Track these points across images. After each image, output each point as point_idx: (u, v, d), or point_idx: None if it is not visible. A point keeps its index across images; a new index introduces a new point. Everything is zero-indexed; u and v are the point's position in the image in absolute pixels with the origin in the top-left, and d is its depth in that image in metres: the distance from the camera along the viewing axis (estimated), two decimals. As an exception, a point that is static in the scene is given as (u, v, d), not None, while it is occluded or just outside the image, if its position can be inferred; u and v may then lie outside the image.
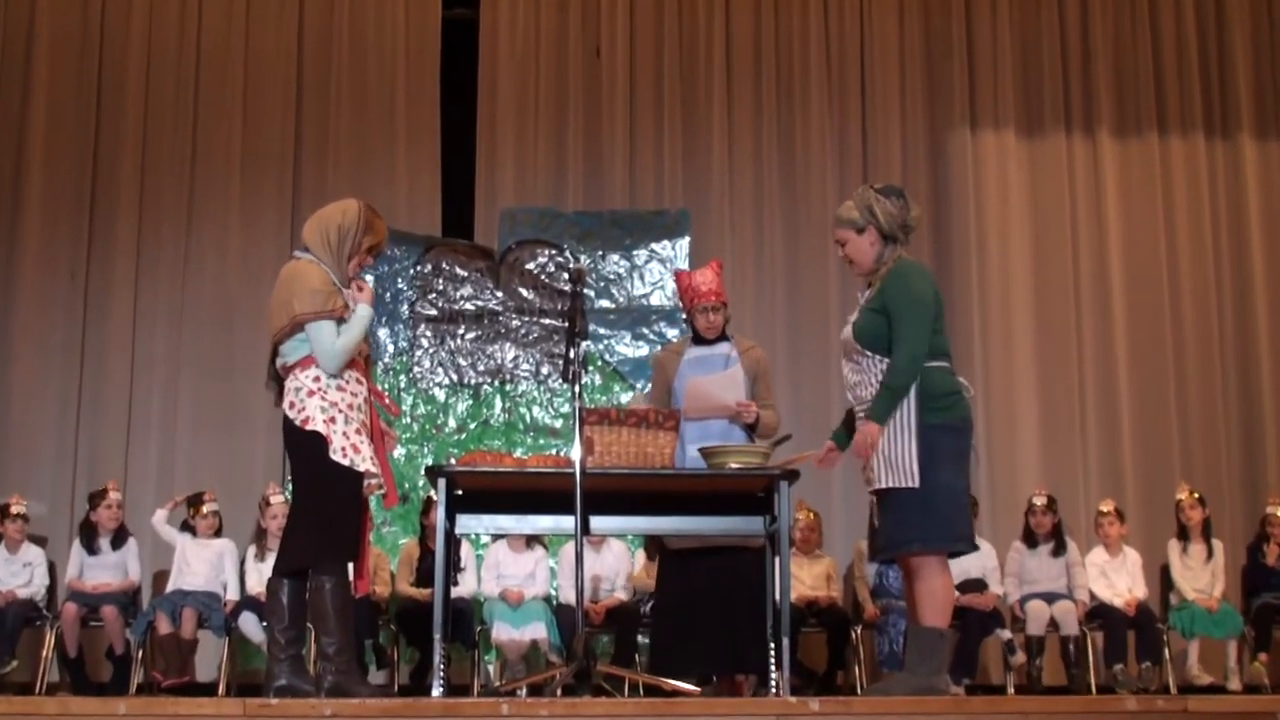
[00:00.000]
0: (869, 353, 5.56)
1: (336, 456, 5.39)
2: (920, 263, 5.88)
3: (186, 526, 9.37)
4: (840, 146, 11.71)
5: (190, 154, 11.39)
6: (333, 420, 5.42)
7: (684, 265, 10.78)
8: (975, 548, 5.73)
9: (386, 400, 6.03)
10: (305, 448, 5.44)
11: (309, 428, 5.41)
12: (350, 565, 5.54)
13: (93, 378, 11.02)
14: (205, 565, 9.20)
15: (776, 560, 6.04)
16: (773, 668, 6.04)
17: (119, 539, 9.37)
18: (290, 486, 5.84)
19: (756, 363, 6.88)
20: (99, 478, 10.17)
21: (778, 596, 6.05)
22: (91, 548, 9.32)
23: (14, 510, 9.39)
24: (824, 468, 6.05)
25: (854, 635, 9.27)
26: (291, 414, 5.46)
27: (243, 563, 9.30)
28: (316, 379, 5.49)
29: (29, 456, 10.82)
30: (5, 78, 11.38)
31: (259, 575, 8.88)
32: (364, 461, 5.45)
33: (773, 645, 6.03)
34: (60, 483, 10.77)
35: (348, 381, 5.55)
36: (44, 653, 9.13)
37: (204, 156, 11.39)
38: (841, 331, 5.84)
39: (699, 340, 7.02)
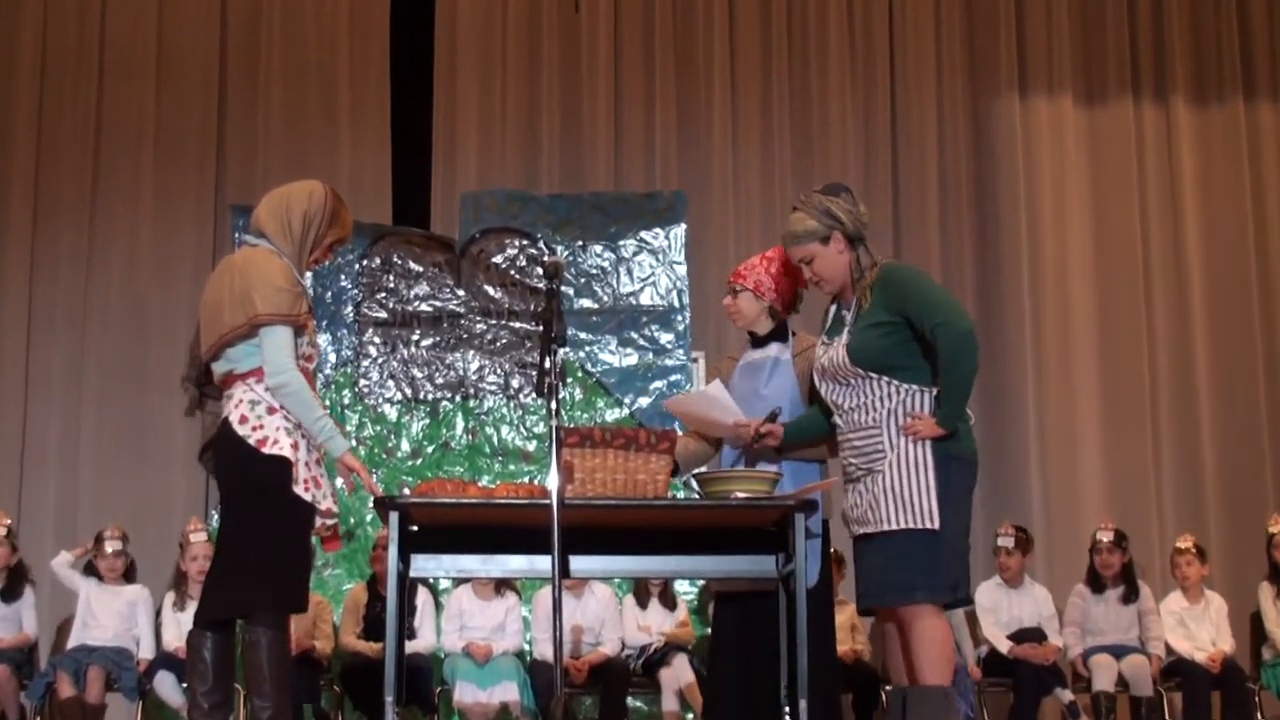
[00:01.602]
0: (872, 374, 5.62)
1: (299, 489, 5.39)
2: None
3: (90, 570, 9.34)
4: (864, 117, 11.72)
5: (94, 130, 11.38)
6: (296, 446, 5.41)
7: (679, 256, 10.78)
8: (972, 601, 5.81)
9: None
10: (261, 473, 5.40)
11: (269, 450, 5.38)
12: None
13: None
14: (114, 616, 9.17)
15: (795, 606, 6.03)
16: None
17: (12, 586, 9.34)
18: (217, 518, 5.80)
19: (809, 364, 6.71)
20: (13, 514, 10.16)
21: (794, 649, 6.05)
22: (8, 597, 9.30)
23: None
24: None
25: (884, 697, 9.28)
26: (243, 430, 5.41)
27: (158, 613, 9.29)
28: None
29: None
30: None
31: (178, 628, 8.86)
32: (325, 498, 5.45)
33: (787, 709, 6.03)
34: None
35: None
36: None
37: (110, 135, 11.37)
38: (820, 356, 5.87)
39: (757, 342, 6.85)
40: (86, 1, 11.44)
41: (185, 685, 7.85)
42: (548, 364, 5.65)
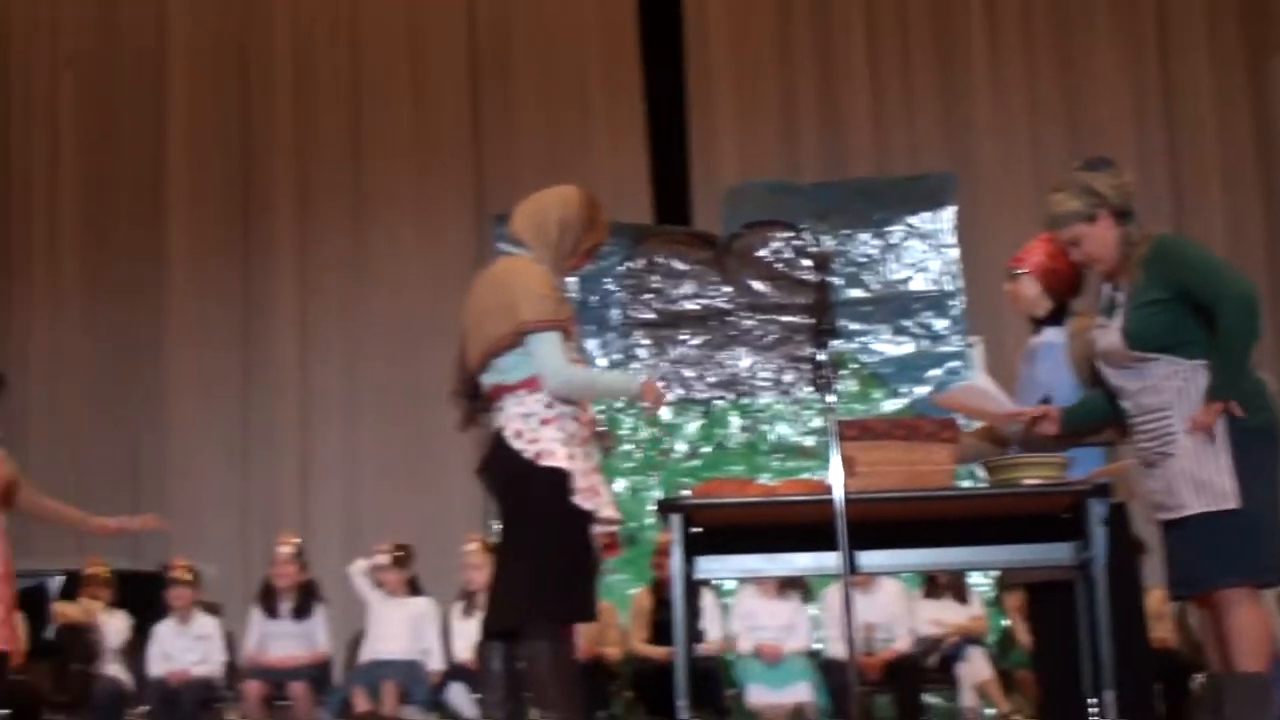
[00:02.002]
0: (1151, 355, 5.47)
1: (578, 499, 5.40)
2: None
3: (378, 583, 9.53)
4: (1134, 83, 11.47)
5: (353, 154, 11.67)
6: (572, 456, 5.41)
7: (950, 239, 10.65)
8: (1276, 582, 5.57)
9: (600, 431, 6.02)
10: (540, 486, 5.41)
11: (546, 462, 5.39)
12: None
13: (261, 417, 11.37)
14: (403, 629, 9.35)
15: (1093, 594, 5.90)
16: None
17: (303, 602, 9.56)
18: (500, 530, 5.83)
19: (1087, 346, 6.56)
20: (274, 532, 10.43)
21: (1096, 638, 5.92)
22: (273, 612, 9.54)
23: (178, 575, 9.67)
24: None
25: (1194, 685, 9.04)
26: (519, 444, 5.43)
27: (446, 625, 9.45)
28: (550, 405, 5.48)
29: (193, 511, 11.18)
30: (138, 79, 11.85)
31: (467, 639, 9.00)
32: (606, 506, 5.47)
33: (1093, 701, 5.91)
34: (231, 542, 11.11)
35: (579, 410, 5.57)
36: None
37: (370, 156, 11.66)
38: (1099, 340, 5.72)
39: (1036, 326, 6.74)
40: (337, 22, 11.72)
41: (478, 697, 7.96)
42: (821, 357, 5.61)
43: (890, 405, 10.47)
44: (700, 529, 6.03)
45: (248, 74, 11.83)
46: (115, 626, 9.57)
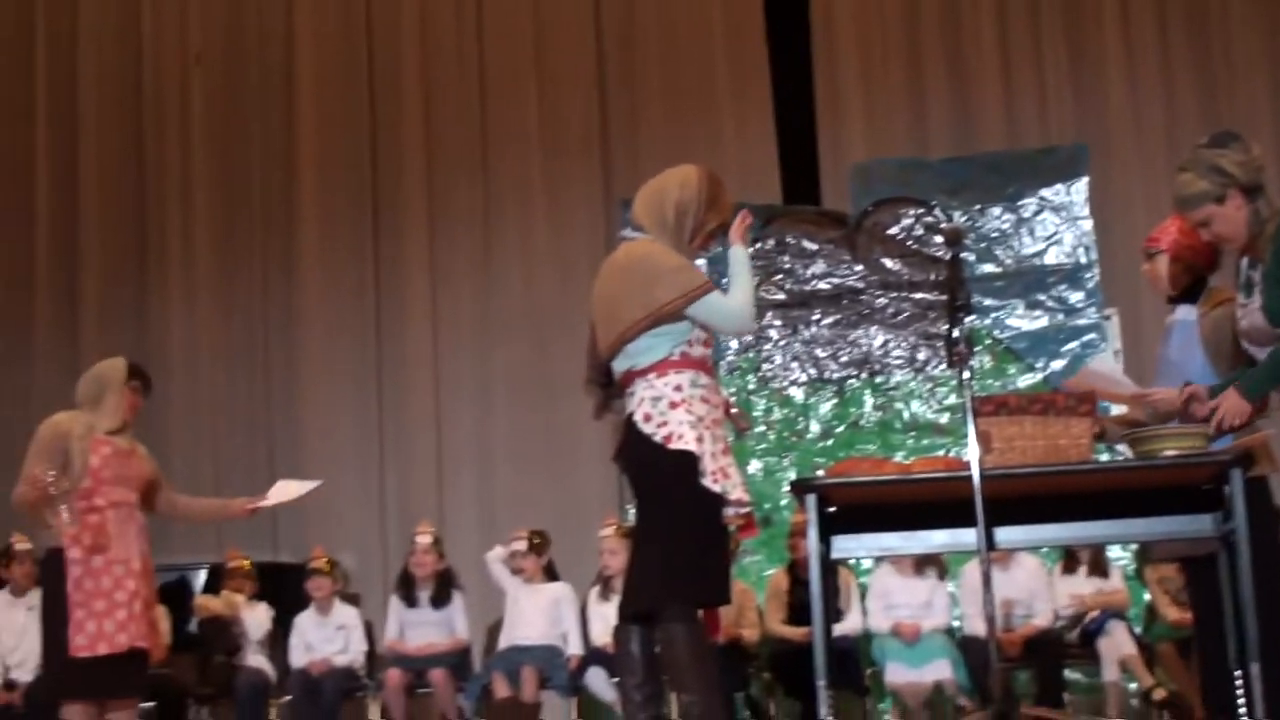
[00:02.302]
0: None
1: (707, 482, 5.40)
2: None
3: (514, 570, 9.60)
4: (1270, 49, 11.26)
5: (481, 142, 11.76)
6: (700, 439, 5.40)
7: (1083, 212, 10.54)
8: None
9: (734, 412, 6.01)
10: (668, 469, 5.42)
11: (675, 445, 5.39)
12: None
13: (394, 408, 11.49)
14: (540, 615, 9.41)
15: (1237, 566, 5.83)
16: (1240, 705, 5.86)
17: (441, 591, 9.66)
18: (632, 514, 5.86)
19: (1216, 324, 6.49)
20: (412, 522, 10.53)
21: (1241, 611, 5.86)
22: (411, 601, 9.63)
23: (318, 565, 9.80)
24: None
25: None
26: (648, 428, 5.45)
27: (584, 609, 9.50)
28: (678, 388, 5.47)
29: (330, 502, 11.30)
30: (267, 76, 12.01)
31: (604, 623, 9.04)
32: (736, 488, 5.46)
33: (1239, 674, 5.84)
34: (368, 532, 11.25)
35: (710, 392, 5.56)
36: (368, 729, 9.54)
37: (497, 144, 11.75)
38: (1241, 319, 5.64)
39: (1172, 304, 6.68)
40: (463, 12, 11.82)
41: (616, 680, 8.01)
42: (955, 333, 5.58)
43: (1025, 380, 10.39)
44: (835, 508, 6.03)
45: (375, 69, 11.94)
46: (257, 618, 9.71)
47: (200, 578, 10.21)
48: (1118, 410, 6.60)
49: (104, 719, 7.15)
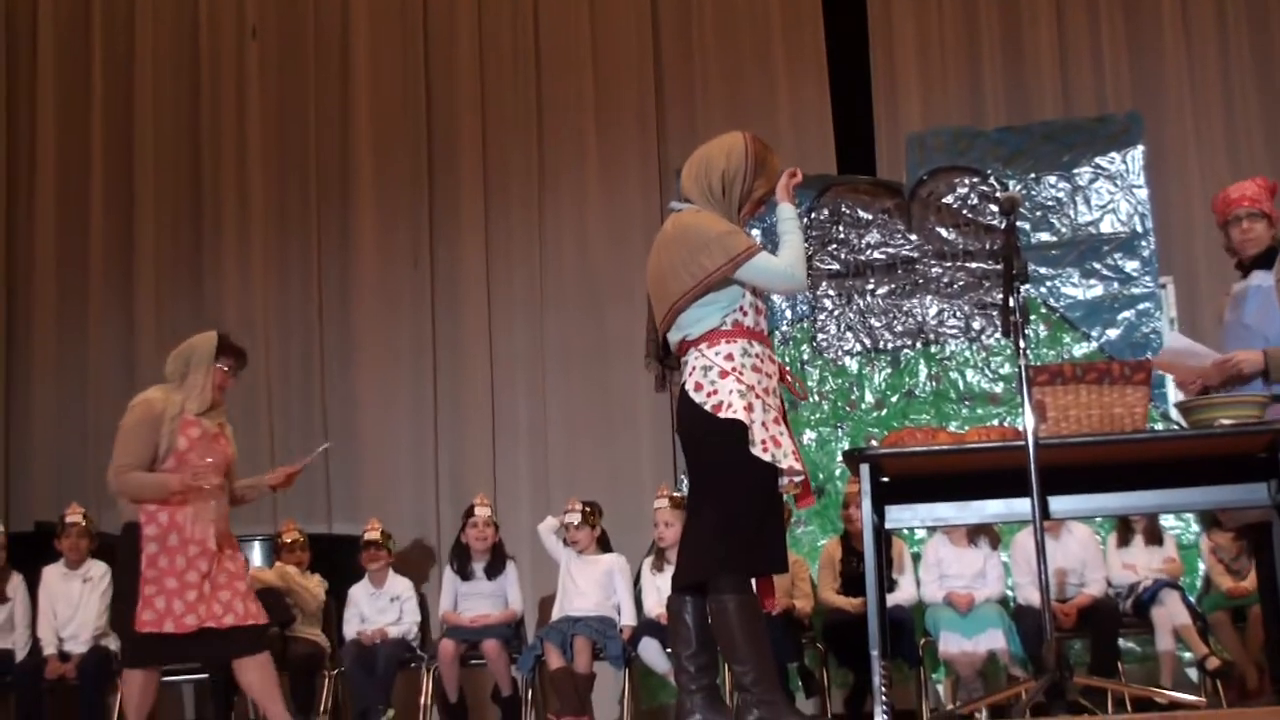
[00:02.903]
0: None
1: (757, 451, 5.39)
2: None
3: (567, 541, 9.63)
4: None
5: (536, 112, 11.80)
6: (750, 408, 5.41)
7: (1139, 180, 10.50)
8: None
9: (789, 380, 6.01)
10: (718, 438, 5.42)
11: (724, 414, 5.39)
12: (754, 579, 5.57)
13: (449, 379, 11.54)
14: (594, 586, 9.44)
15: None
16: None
17: (495, 563, 9.70)
18: (685, 485, 5.86)
19: None
20: (465, 493, 10.59)
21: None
22: (465, 574, 9.68)
23: (371, 537, 9.87)
24: None
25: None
26: (699, 397, 5.45)
27: (637, 580, 9.55)
28: (729, 356, 5.47)
29: (384, 474, 11.41)
30: (322, 50, 12.07)
31: (657, 594, 9.08)
32: (786, 457, 5.46)
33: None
34: (423, 503, 11.33)
35: (763, 360, 5.56)
36: (422, 699, 9.58)
37: (552, 114, 11.78)
38: None
39: (1246, 270, 6.68)
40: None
41: (669, 651, 8.05)
42: (1011, 303, 5.60)
43: (1080, 349, 10.37)
44: (889, 479, 6.06)
45: (429, 41, 11.98)
46: (311, 589, 9.78)
47: (255, 550, 10.29)
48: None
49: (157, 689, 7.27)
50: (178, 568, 7.02)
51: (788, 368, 6.42)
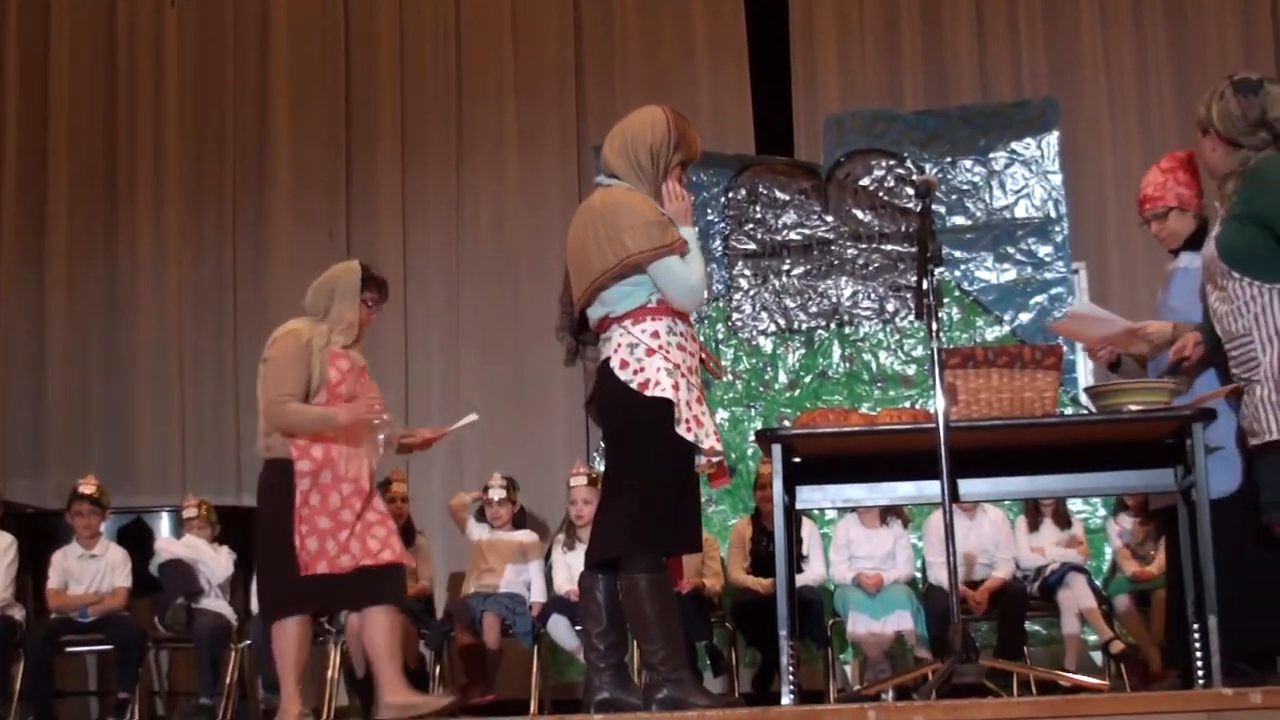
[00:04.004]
0: (1235, 273, 5.43)
1: (681, 430, 5.38)
2: None
3: (484, 516, 9.58)
4: (1243, 9, 11.25)
5: (455, 84, 11.74)
6: (676, 386, 5.40)
7: (1053, 165, 10.57)
8: None
9: (707, 359, 5.98)
10: (644, 416, 5.40)
11: (651, 392, 5.38)
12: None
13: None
14: (505, 562, 9.39)
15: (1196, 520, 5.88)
16: (1197, 652, 5.91)
17: (405, 538, 9.61)
18: (600, 462, 5.83)
19: (1209, 262, 6.52)
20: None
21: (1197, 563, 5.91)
22: (374, 548, 9.60)
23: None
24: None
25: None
26: (624, 375, 5.42)
27: (548, 558, 9.53)
28: (655, 334, 5.46)
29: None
30: (241, 18, 11.95)
31: (568, 571, 9.08)
32: (708, 437, 5.46)
33: (1196, 625, 5.90)
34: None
35: (686, 339, 5.55)
36: (329, 673, 9.49)
37: (471, 87, 11.72)
38: (1204, 253, 5.69)
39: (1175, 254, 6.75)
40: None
41: (579, 628, 8.03)
42: (924, 285, 5.60)
43: (993, 333, 10.43)
44: (801, 459, 6.06)
45: (349, 10, 11.89)
46: (219, 561, 9.69)
47: (163, 520, 10.19)
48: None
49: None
50: (330, 506, 6.61)
51: (706, 347, 6.41)
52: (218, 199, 11.78)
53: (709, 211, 10.83)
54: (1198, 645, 5.85)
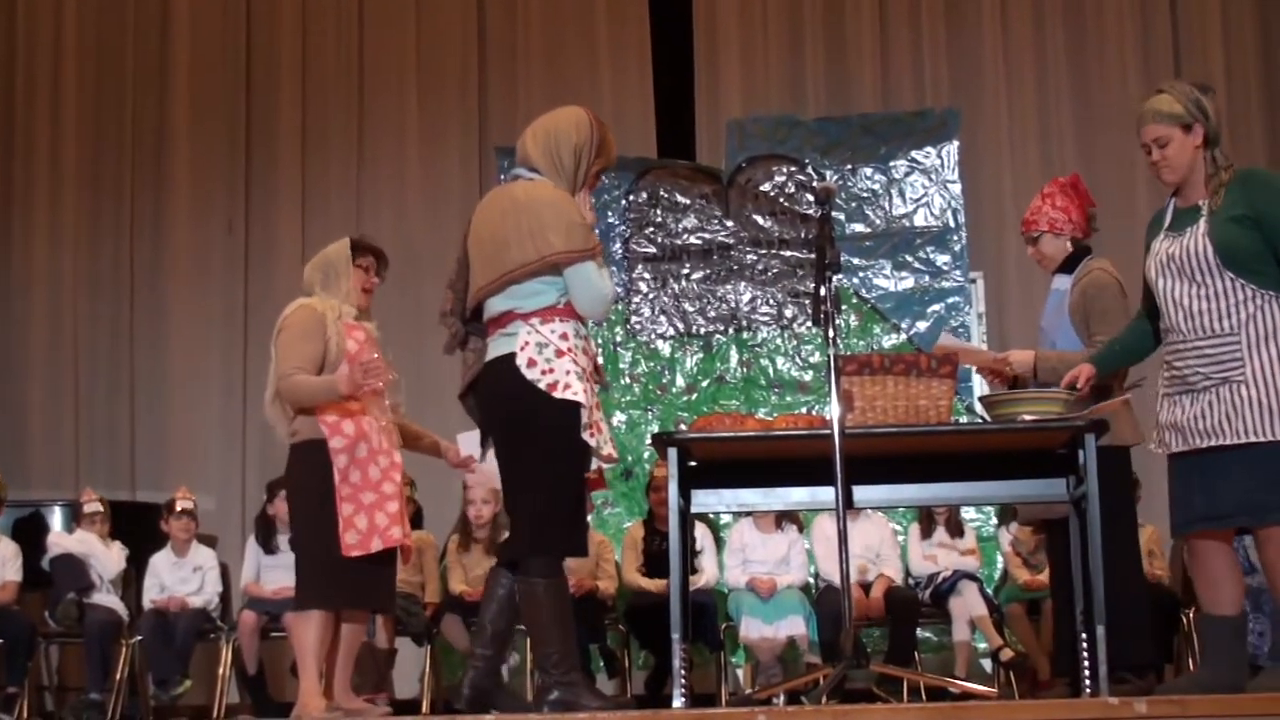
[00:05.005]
0: (1229, 273, 5.44)
1: (586, 435, 5.39)
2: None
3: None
4: (1143, 26, 11.36)
5: (357, 79, 11.66)
6: (586, 390, 5.39)
7: (953, 175, 10.63)
8: None
9: (599, 368, 5.98)
10: (551, 418, 5.38)
11: (560, 394, 5.35)
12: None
13: (260, 347, 11.33)
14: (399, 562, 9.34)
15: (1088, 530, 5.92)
16: (1084, 662, 5.96)
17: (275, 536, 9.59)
18: (501, 458, 5.71)
19: (1083, 294, 6.63)
20: (272, 464, 10.43)
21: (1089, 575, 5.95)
22: (269, 546, 9.51)
23: (180, 507, 9.67)
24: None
25: (1186, 621, 9.07)
26: (531, 374, 5.38)
27: (443, 556, 9.47)
28: (564, 336, 5.44)
29: (192, 443, 11.21)
30: (141, 3, 11.80)
31: (463, 571, 9.06)
32: (606, 444, 5.45)
33: (1084, 635, 5.94)
34: (229, 473, 11.15)
35: (587, 344, 5.55)
36: (220, 670, 9.44)
37: (373, 82, 11.64)
38: (1164, 248, 5.70)
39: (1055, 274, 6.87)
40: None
41: (474, 627, 7.99)
42: (822, 292, 5.61)
43: (890, 340, 10.48)
44: (696, 463, 6.05)
45: (252, 3, 11.78)
46: (111, 557, 9.58)
47: (55, 515, 10.08)
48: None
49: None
50: (372, 480, 6.30)
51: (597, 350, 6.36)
52: (115, 189, 11.62)
53: (610, 214, 10.81)
54: (1085, 655, 5.90)
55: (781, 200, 10.76)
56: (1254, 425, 5.34)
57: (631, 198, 10.81)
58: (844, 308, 10.41)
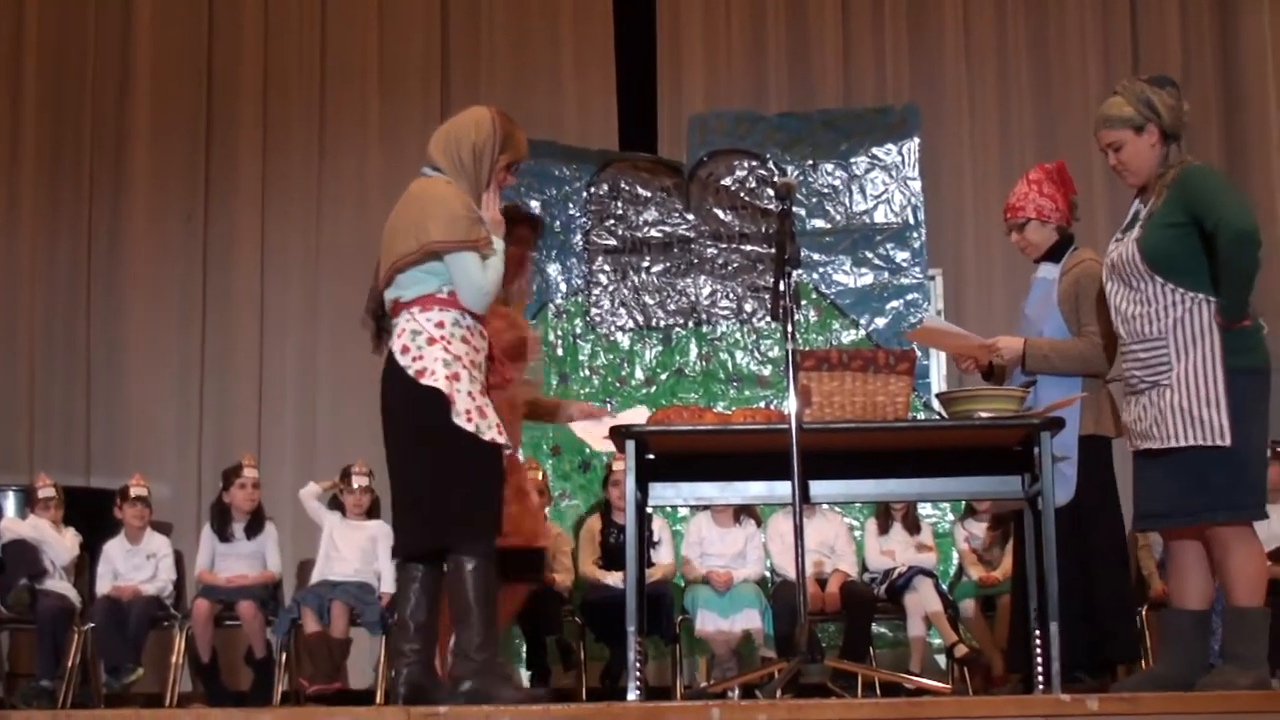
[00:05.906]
0: (1158, 278, 5.48)
1: (460, 420, 5.41)
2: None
3: (334, 505, 9.52)
4: (1103, 26, 11.42)
5: (319, 69, 11.62)
6: (456, 377, 5.42)
7: (913, 172, 10.65)
8: (1266, 515, 5.61)
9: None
10: (418, 406, 5.44)
11: (427, 382, 5.41)
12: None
13: (218, 338, 11.32)
14: (356, 551, 9.34)
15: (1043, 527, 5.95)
16: (1038, 658, 5.97)
17: (255, 524, 9.56)
18: (388, 449, 5.75)
19: (1075, 283, 6.63)
20: (228, 453, 10.42)
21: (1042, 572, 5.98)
22: (225, 534, 9.51)
23: (134, 493, 9.62)
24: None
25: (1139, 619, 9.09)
26: (404, 360, 5.46)
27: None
28: (440, 324, 5.49)
29: (147, 430, 11.15)
30: (103, 4, 11.72)
31: (418, 561, 9.04)
32: (490, 429, 5.47)
33: (1038, 631, 5.96)
34: (184, 460, 11.10)
35: (472, 334, 5.57)
36: (173, 658, 9.39)
37: (335, 74, 11.60)
38: (1110, 252, 5.73)
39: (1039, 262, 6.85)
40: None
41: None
42: (782, 287, 5.62)
43: (849, 336, 10.49)
44: (654, 456, 6.05)
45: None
46: (64, 543, 9.53)
47: (9, 500, 10.02)
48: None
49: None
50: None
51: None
52: (74, 176, 11.55)
53: (570, 206, 10.80)
54: (1039, 651, 5.92)
55: (742, 195, 10.76)
56: (1175, 430, 5.39)
57: (592, 190, 10.79)
58: (803, 303, 10.42)
